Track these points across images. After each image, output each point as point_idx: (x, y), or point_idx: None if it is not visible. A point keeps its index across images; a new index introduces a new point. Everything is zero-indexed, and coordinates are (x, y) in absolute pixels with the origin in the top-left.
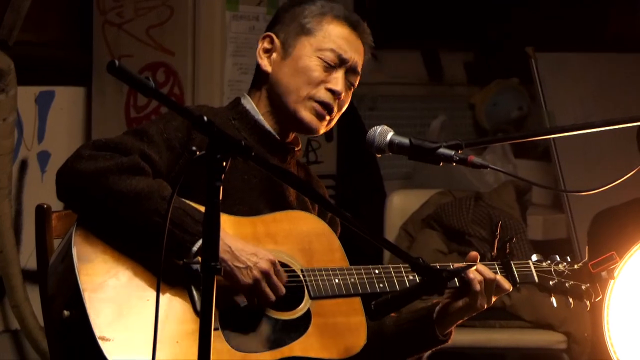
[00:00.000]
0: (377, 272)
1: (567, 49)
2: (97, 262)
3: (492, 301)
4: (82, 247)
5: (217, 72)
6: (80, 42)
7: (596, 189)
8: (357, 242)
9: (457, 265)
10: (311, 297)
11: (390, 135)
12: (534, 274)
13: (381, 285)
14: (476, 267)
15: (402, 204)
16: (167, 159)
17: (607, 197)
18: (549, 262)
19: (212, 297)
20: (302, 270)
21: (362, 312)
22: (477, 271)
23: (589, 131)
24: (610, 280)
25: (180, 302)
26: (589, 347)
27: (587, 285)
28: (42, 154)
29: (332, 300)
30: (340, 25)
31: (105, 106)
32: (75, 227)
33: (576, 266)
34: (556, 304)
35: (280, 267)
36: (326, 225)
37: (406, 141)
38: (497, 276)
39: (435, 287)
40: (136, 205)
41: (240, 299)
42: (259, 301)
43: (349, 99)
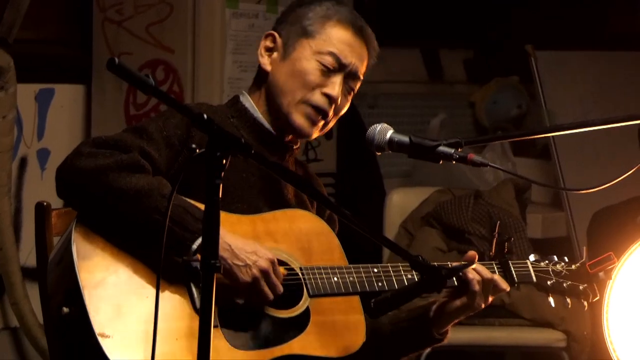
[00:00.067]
0: (375, 270)
1: (567, 47)
2: (96, 259)
3: (490, 301)
4: (82, 244)
5: (217, 70)
6: (79, 40)
7: (595, 187)
8: (357, 240)
9: (455, 264)
10: (310, 295)
11: (390, 133)
12: (532, 274)
13: (380, 284)
14: (474, 266)
15: (401, 202)
16: (166, 156)
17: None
18: (546, 262)
19: (211, 294)
20: (300, 268)
21: (360, 310)
22: (475, 271)
23: (588, 129)
24: (607, 280)
25: (179, 300)
26: (588, 345)
27: (585, 285)
28: (41, 151)
29: (331, 298)
30: (343, 29)
31: (105, 104)
32: (74, 224)
33: (574, 266)
34: (554, 304)
35: (278, 266)
36: (325, 224)
37: (406, 139)
38: (494, 276)
39: (434, 285)
40: (136, 202)
41: (239, 297)
42: (257, 299)
43: (348, 103)
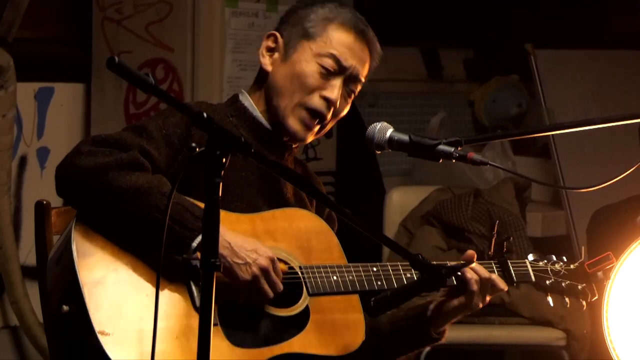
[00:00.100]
0: (375, 269)
1: (567, 46)
2: (96, 257)
3: (487, 301)
4: (82, 243)
5: (217, 69)
6: (79, 39)
7: (595, 186)
8: (357, 239)
9: (453, 263)
10: (309, 294)
11: (389, 131)
12: (531, 273)
13: (379, 282)
14: (472, 266)
15: (401, 201)
16: (166, 155)
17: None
18: (545, 261)
19: (211, 293)
20: (300, 267)
21: (360, 309)
22: (473, 270)
23: (588, 128)
24: (606, 280)
25: (179, 298)
26: (588, 344)
27: (583, 285)
28: (41, 150)
29: (331, 297)
30: (345, 32)
31: (104, 102)
32: (74, 222)
33: (572, 266)
34: (552, 304)
35: (278, 264)
36: (324, 223)
37: (406, 138)
38: (492, 275)
39: (434, 283)
40: (136, 201)
41: (239, 295)
42: (257, 298)
43: (348, 106)
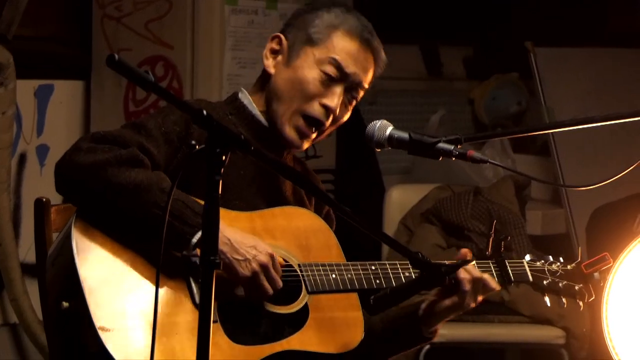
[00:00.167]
0: (373, 268)
1: (567, 44)
2: (96, 254)
3: (479, 301)
4: (81, 239)
5: (216, 66)
6: (79, 36)
7: (595, 184)
8: (356, 237)
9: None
10: (308, 292)
11: (389, 129)
12: (529, 273)
13: (377, 281)
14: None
15: (401, 199)
16: (165, 152)
17: (606, 193)
18: (542, 261)
19: (211, 290)
20: (299, 265)
21: (359, 307)
22: (465, 270)
23: (588, 126)
24: (603, 281)
25: (179, 294)
26: (587, 342)
27: (580, 285)
28: (41, 147)
29: (330, 295)
30: (349, 40)
31: (104, 100)
32: (74, 219)
33: (569, 266)
34: (549, 303)
35: (277, 261)
36: (323, 221)
37: (405, 136)
38: (484, 275)
39: (434, 282)
40: (135, 197)
41: (238, 291)
42: (256, 294)
43: (349, 113)
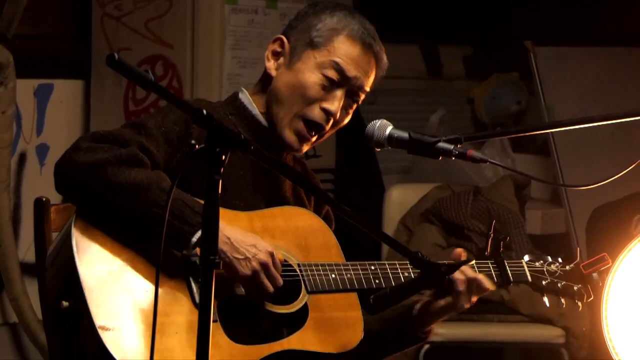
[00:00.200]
0: (373, 268)
1: (567, 43)
2: (96, 253)
3: (473, 301)
4: (81, 238)
5: (216, 66)
6: (79, 35)
7: (595, 184)
8: (356, 237)
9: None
10: (308, 292)
11: (389, 129)
12: (527, 274)
13: (377, 281)
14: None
15: (400, 198)
16: (164, 152)
17: (606, 192)
18: (541, 262)
19: (211, 290)
20: (298, 265)
21: (358, 307)
22: (460, 270)
23: (587, 126)
24: (601, 281)
25: (179, 293)
26: (587, 341)
27: (579, 286)
28: (40, 146)
29: (329, 295)
30: (351, 45)
31: (104, 99)
32: (74, 218)
33: (568, 267)
34: (548, 304)
35: (278, 259)
36: (322, 221)
37: (405, 135)
38: (478, 275)
39: (434, 281)
40: (135, 196)
41: (238, 290)
42: (257, 292)
43: (349, 117)
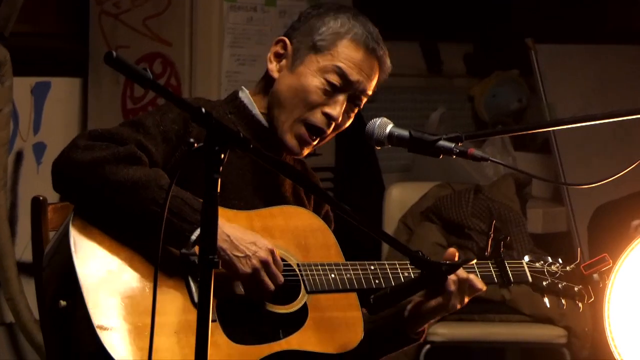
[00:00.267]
0: (372, 268)
1: (567, 40)
2: (94, 252)
3: (465, 302)
4: (79, 237)
5: (215, 63)
6: (76, 33)
7: (596, 182)
8: (356, 236)
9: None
10: (307, 292)
11: (389, 127)
12: (528, 274)
13: (377, 281)
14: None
15: (401, 197)
16: (163, 150)
17: (608, 191)
18: (542, 262)
19: (209, 289)
20: (298, 264)
21: (358, 307)
22: None
23: (589, 124)
24: (602, 282)
25: (178, 293)
26: (589, 341)
27: (580, 287)
28: (37, 145)
29: (329, 295)
30: (354, 49)
31: (101, 97)
32: (71, 217)
33: (568, 268)
34: (549, 304)
35: (278, 256)
36: (322, 221)
37: (406, 133)
38: (470, 276)
39: (434, 281)
40: (133, 194)
41: (238, 289)
42: (257, 290)
43: (350, 120)
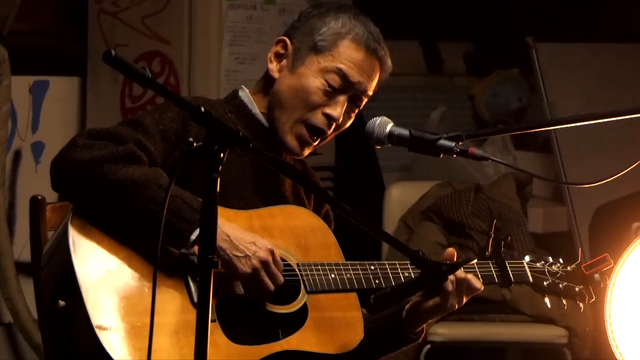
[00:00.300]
0: (372, 268)
1: (568, 39)
2: (93, 252)
3: (463, 302)
4: (78, 237)
5: (214, 62)
6: (75, 32)
7: (597, 182)
8: (356, 236)
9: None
10: (307, 292)
11: (389, 126)
12: (529, 274)
13: (377, 281)
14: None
15: (401, 196)
16: (162, 150)
17: (609, 190)
18: (542, 262)
19: (209, 289)
20: (298, 264)
21: (358, 307)
22: None
23: (590, 123)
24: (603, 282)
25: (177, 292)
26: (590, 341)
27: (581, 287)
28: (36, 144)
29: (329, 295)
30: (355, 49)
31: (100, 96)
32: (70, 216)
33: (569, 268)
34: (550, 305)
35: (278, 256)
36: (322, 221)
37: (406, 132)
38: (468, 275)
39: (434, 280)
40: (132, 193)
41: (238, 289)
42: (257, 290)
43: (351, 120)
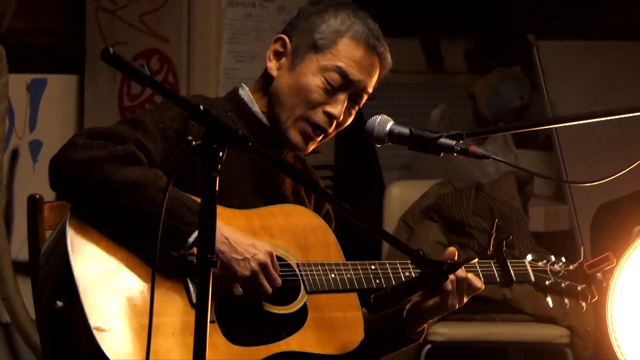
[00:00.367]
0: (373, 267)
1: (569, 37)
2: (91, 252)
3: (464, 301)
4: (76, 237)
5: (213, 60)
6: (72, 29)
7: (599, 180)
8: (356, 235)
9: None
10: (307, 292)
11: (390, 124)
12: (531, 274)
13: (377, 281)
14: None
15: (401, 195)
16: (162, 149)
17: (610, 189)
18: (544, 261)
19: (208, 289)
20: (297, 264)
21: (358, 307)
22: None
23: (591, 121)
24: (605, 281)
25: (176, 294)
26: (591, 341)
27: (583, 286)
28: (33, 143)
29: (329, 295)
30: (354, 47)
31: (98, 94)
32: (68, 216)
33: (572, 267)
34: (552, 304)
35: (276, 259)
36: (322, 220)
37: (406, 131)
38: (468, 275)
39: (435, 280)
40: (131, 195)
41: (236, 291)
42: (255, 293)
43: (352, 118)
